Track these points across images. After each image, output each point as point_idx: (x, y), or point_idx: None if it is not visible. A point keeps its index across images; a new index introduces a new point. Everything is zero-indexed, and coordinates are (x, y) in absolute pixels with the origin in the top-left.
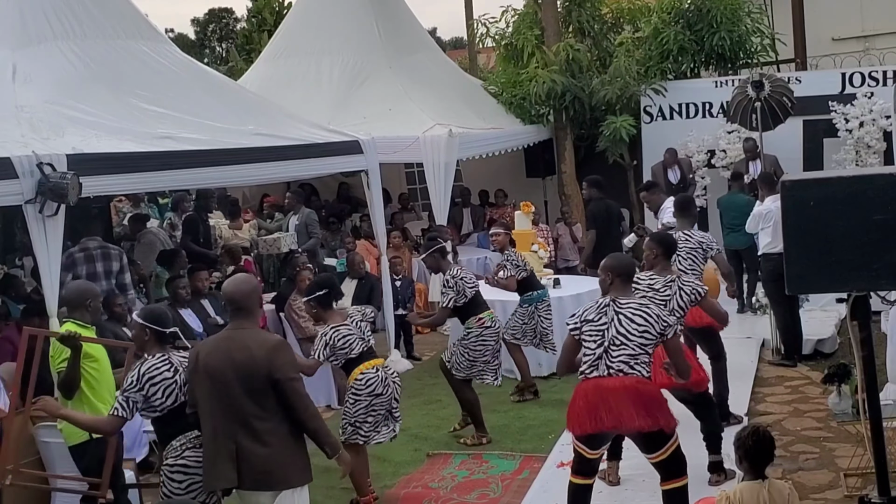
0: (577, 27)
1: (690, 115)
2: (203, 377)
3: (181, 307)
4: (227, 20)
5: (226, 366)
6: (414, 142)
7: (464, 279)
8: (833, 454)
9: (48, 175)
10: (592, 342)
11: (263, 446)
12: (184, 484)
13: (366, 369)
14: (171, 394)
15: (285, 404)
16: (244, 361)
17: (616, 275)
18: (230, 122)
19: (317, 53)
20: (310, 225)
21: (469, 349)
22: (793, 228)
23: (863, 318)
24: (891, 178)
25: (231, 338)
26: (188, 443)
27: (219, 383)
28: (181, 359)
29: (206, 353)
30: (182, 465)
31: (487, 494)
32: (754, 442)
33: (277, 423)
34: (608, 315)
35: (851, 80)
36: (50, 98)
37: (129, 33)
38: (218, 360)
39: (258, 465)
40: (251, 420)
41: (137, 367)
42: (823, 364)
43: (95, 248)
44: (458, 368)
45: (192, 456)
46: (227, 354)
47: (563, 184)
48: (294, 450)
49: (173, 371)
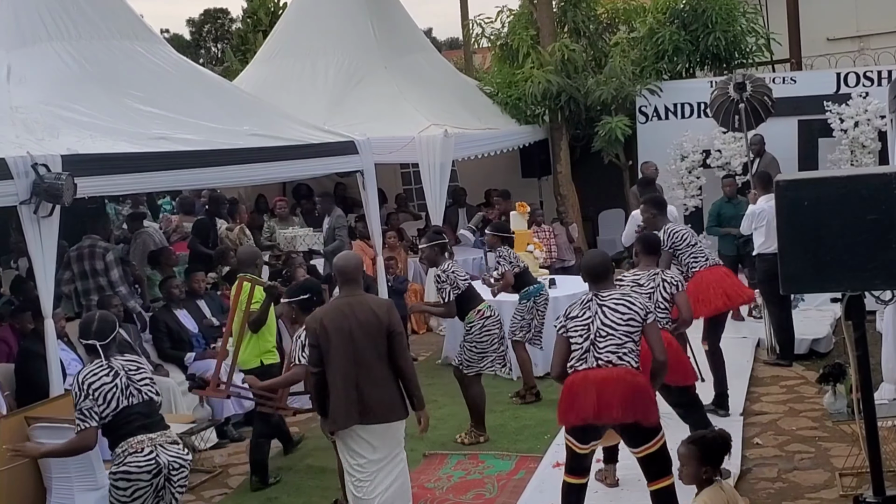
0: (573, 27)
1: (686, 116)
2: (330, 337)
3: (176, 307)
4: (222, 20)
5: (352, 325)
6: (409, 142)
7: (455, 272)
8: (828, 454)
9: (43, 176)
10: (579, 336)
11: (381, 388)
12: (128, 491)
13: None
14: (114, 398)
15: (393, 353)
16: (367, 320)
17: (588, 275)
18: (225, 123)
19: (312, 54)
20: (337, 228)
21: (476, 342)
22: (787, 228)
23: (857, 318)
24: (885, 177)
25: (350, 303)
26: (130, 448)
27: (345, 340)
28: (124, 362)
29: (330, 319)
30: (124, 472)
31: (483, 495)
32: (720, 445)
33: (388, 370)
34: (591, 309)
35: (846, 80)
36: (44, 99)
37: (124, 34)
38: (342, 321)
39: (378, 403)
40: (371, 367)
41: (75, 377)
42: (818, 364)
43: (86, 247)
44: (468, 365)
45: (133, 462)
46: (351, 315)
47: (558, 184)
48: (399, 389)
49: (113, 375)
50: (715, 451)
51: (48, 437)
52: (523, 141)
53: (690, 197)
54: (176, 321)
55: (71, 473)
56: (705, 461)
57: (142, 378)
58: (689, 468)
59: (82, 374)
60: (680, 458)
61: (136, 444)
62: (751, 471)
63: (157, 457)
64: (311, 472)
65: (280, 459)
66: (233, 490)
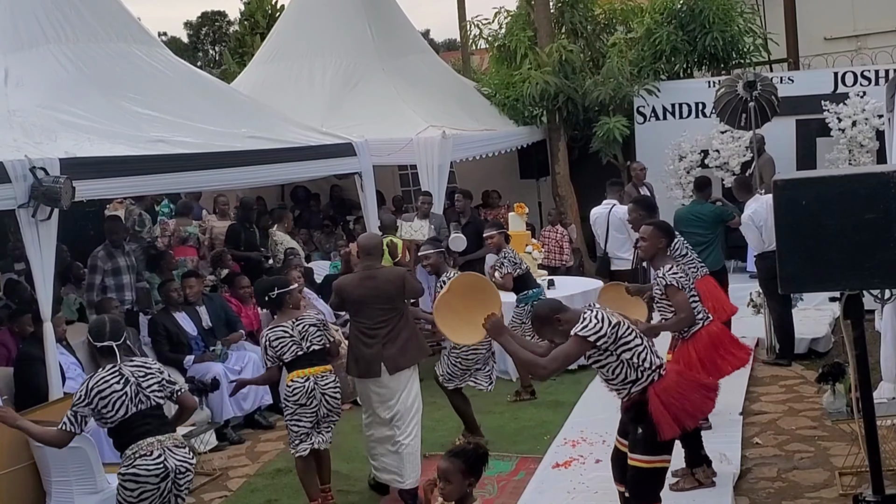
0: (570, 28)
1: (683, 116)
2: (353, 303)
3: (175, 310)
4: (219, 23)
5: (372, 292)
6: (407, 144)
7: None
8: (828, 453)
9: (41, 179)
10: (636, 339)
11: (398, 341)
12: (136, 492)
13: (296, 377)
14: (122, 405)
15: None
16: (384, 287)
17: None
18: (223, 126)
19: (309, 56)
20: (441, 228)
21: (462, 358)
22: (785, 228)
23: (856, 317)
24: (883, 177)
25: (370, 276)
26: (140, 451)
27: (366, 305)
28: (133, 368)
29: (353, 287)
30: (132, 475)
31: (483, 495)
32: (481, 456)
33: (403, 321)
34: (615, 315)
35: (844, 79)
36: (42, 102)
37: (122, 37)
38: (365, 289)
39: (397, 354)
40: (390, 325)
41: (85, 381)
42: (818, 363)
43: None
44: (448, 378)
45: (142, 465)
46: (373, 284)
47: (556, 185)
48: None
49: (123, 383)
50: (477, 463)
51: None
52: (521, 142)
53: (688, 197)
54: (175, 324)
55: (70, 477)
56: (470, 473)
57: (150, 385)
58: (454, 483)
59: (93, 381)
60: (443, 473)
61: (146, 446)
62: (750, 470)
63: (165, 461)
64: None
65: (279, 461)
66: (232, 492)
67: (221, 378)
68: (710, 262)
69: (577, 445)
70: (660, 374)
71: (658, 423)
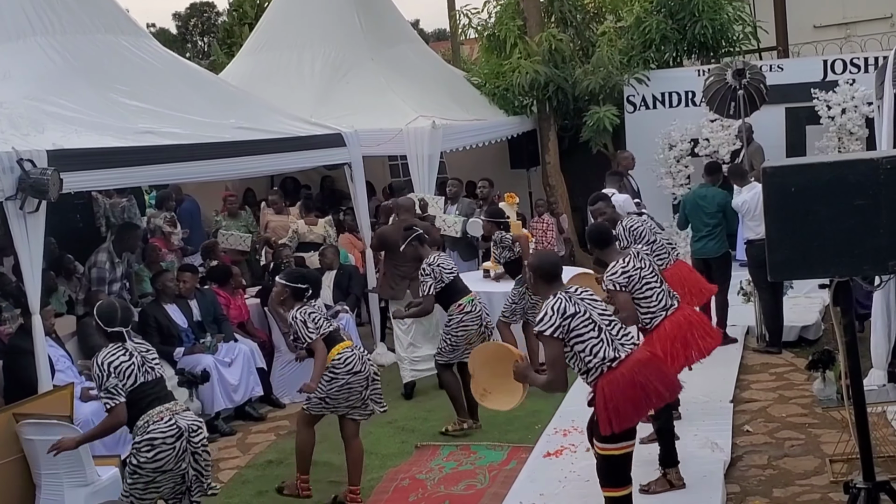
0: (560, 17)
1: (673, 105)
2: (391, 246)
3: (167, 302)
4: (208, 14)
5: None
6: (397, 134)
7: (441, 265)
8: (818, 440)
9: (28, 171)
10: (591, 331)
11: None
12: (152, 454)
13: (342, 349)
14: (131, 375)
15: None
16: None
17: (538, 274)
18: (212, 116)
19: (298, 46)
20: (469, 214)
21: (451, 335)
22: (774, 215)
23: (845, 304)
24: (872, 163)
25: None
26: (151, 419)
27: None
28: (135, 344)
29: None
30: (148, 440)
31: (475, 485)
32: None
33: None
34: (580, 305)
35: (833, 67)
36: (29, 94)
37: (109, 28)
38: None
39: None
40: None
41: (94, 360)
42: (808, 350)
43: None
44: (440, 353)
45: (156, 429)
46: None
47: (547, 174)
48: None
49: (129, 355)
50: None
51: (37, 433)
52: (511, 132)
53: (679, 186)
54: (165, 316)
55: (60, 470)
56: None
57: (153, 357)
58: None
59: (101, 357)
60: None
61: (156, 414)
62: (741, 458)
63: (177, 422)
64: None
65: (270, 453)
66: (223, 484)
67: (211, 370)
68: (713, 248)
69: (567, 434)
70: (610, 367)
71: (598, 417)
